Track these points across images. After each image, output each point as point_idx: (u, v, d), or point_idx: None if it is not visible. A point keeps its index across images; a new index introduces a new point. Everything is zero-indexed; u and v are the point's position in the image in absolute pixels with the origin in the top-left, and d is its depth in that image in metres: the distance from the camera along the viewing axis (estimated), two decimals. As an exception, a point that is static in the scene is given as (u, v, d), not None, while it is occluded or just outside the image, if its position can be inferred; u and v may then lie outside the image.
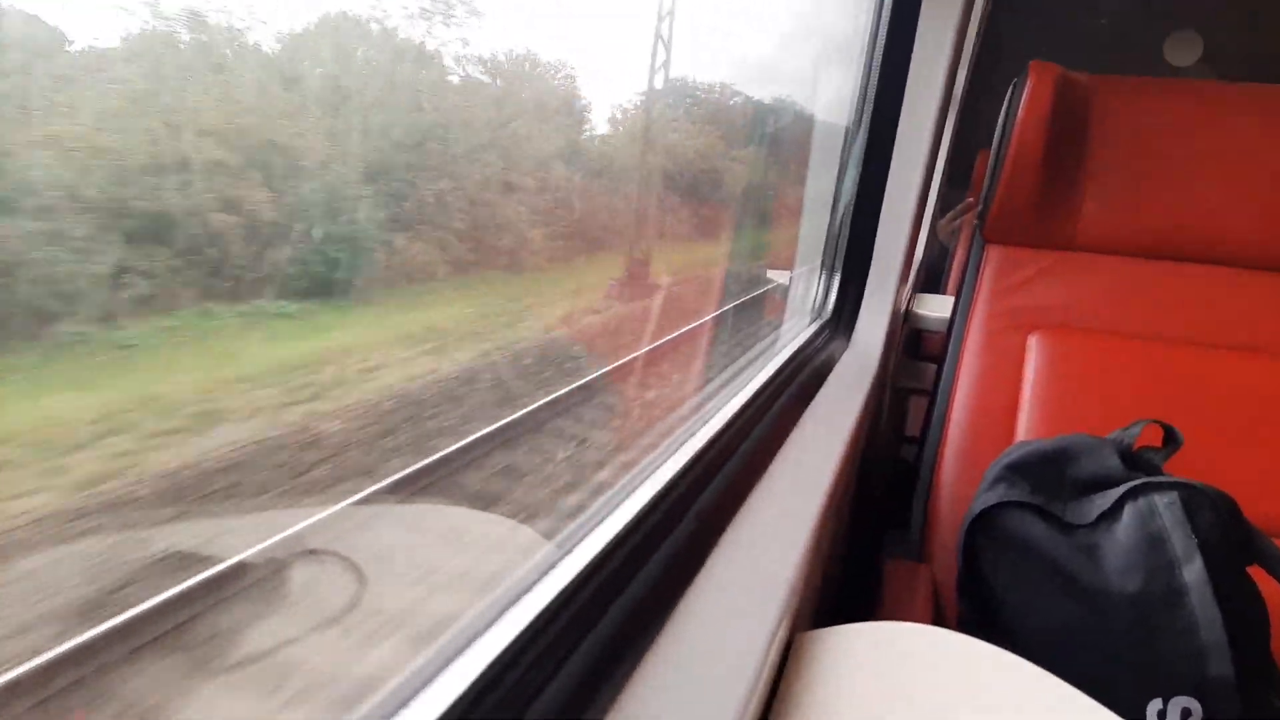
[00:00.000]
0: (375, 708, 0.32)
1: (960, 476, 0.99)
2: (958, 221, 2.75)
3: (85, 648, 0.43)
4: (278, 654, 0.49)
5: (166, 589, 0.48)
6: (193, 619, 0.48)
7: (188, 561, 0.49)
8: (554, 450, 1.01)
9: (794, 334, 1.12)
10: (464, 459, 0.85)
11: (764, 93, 1.56)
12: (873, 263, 1.18)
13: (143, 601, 0.46)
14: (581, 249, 1.20)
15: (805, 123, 1.40)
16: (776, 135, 1.55)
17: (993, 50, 2.47)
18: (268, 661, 0.48)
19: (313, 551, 0.54)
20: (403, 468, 0.74)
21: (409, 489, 0.73)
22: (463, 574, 0.54)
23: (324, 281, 0.62)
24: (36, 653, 0.41)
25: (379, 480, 0.71)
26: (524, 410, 0.97)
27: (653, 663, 0.38)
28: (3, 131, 0.36)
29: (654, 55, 1.17)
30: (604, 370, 1.19)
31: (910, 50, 1.06)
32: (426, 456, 0.78)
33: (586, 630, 0.37)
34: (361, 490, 0.67)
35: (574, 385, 1.07)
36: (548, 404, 1.02)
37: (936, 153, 1.13)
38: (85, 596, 0.45)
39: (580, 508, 0.51)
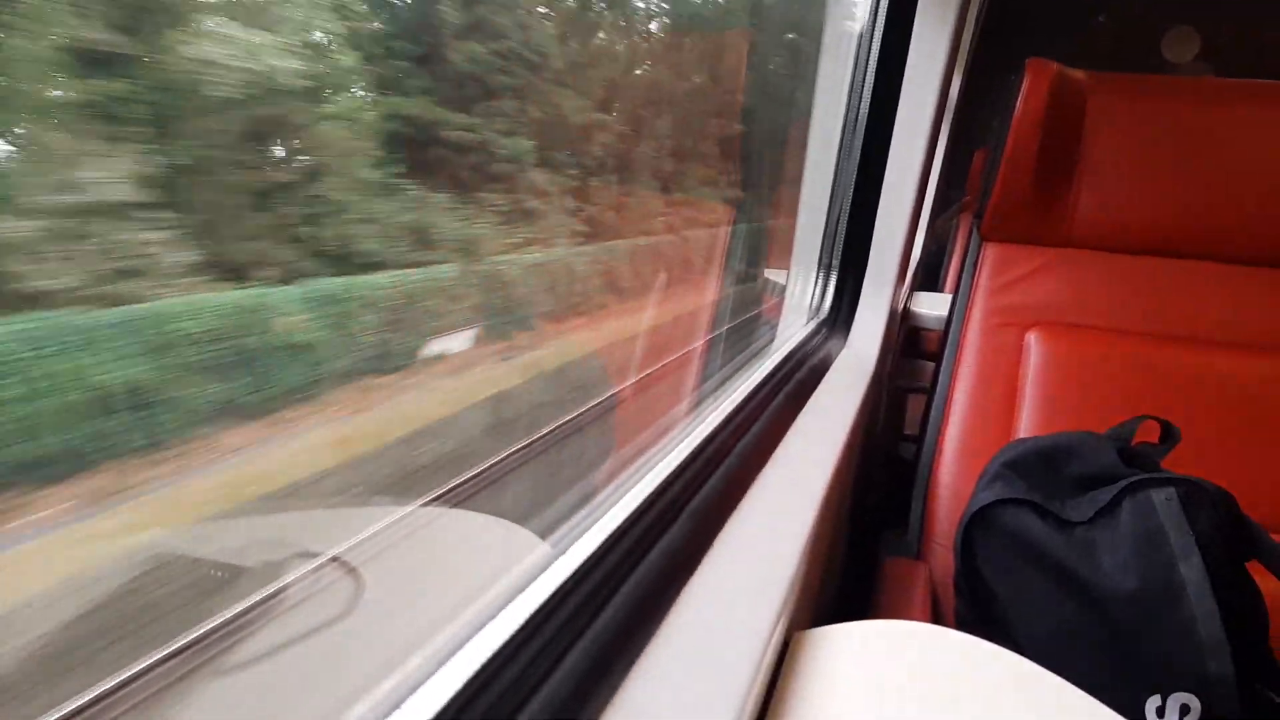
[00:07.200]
0: (372, 706, 0.32)
1: (958, 474, 0.99)
2: (955, 219, 2.75)
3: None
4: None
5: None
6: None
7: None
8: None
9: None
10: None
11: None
12: (870, 261, 1.18)
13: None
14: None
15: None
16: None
17: (990, 48, 2.47)
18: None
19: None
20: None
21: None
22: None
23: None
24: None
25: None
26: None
27: (649, 662, 0.38)
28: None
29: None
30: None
31: (907, 47, 1.06)
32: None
33: (583, 629, 0.37)
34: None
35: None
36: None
37: (933, 150, 1.13)
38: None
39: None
